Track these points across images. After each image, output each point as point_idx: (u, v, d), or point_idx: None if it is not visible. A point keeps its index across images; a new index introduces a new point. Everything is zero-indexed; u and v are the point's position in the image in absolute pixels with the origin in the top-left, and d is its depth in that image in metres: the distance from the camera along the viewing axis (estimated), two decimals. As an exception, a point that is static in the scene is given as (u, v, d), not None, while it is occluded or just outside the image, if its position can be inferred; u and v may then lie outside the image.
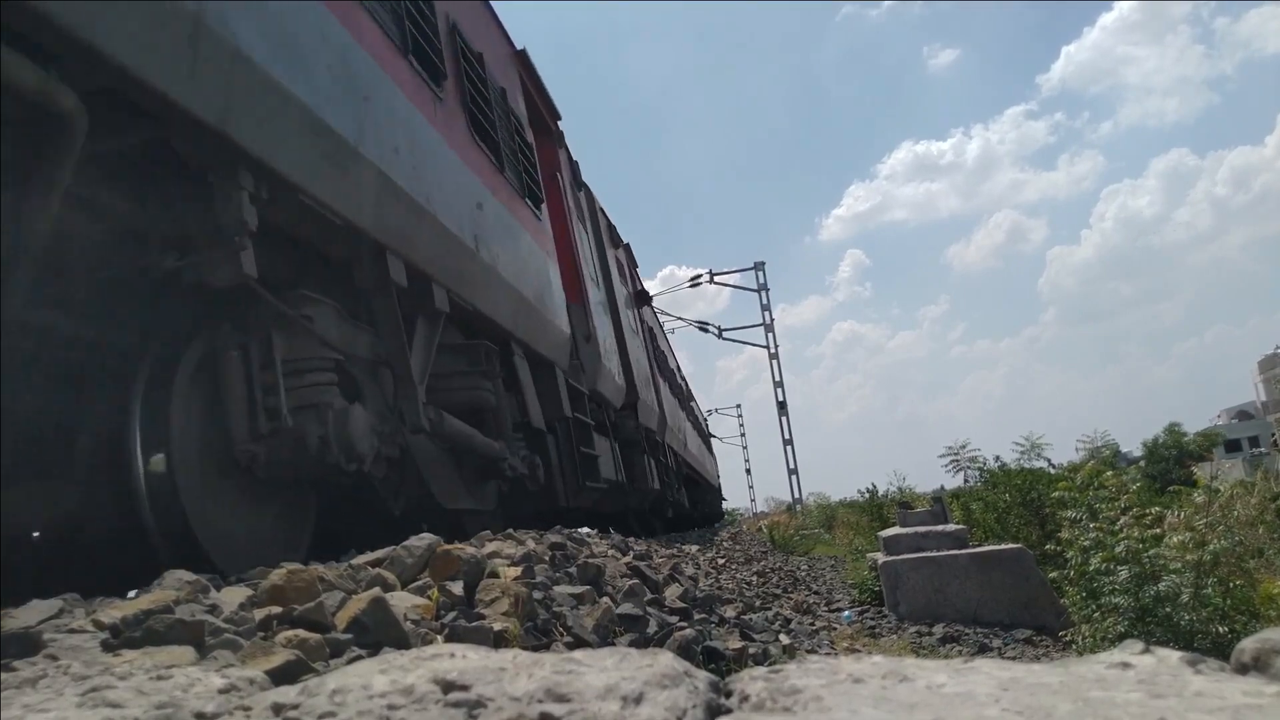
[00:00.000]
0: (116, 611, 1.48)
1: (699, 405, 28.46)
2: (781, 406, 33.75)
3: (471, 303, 4.75)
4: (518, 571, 2.53)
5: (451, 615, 1.99)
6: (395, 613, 1.78)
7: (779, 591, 7.94)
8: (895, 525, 9.35)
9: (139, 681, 1.08)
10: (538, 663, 0.97)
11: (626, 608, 2.78)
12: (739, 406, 71.10)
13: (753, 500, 60.86)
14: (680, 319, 39.08)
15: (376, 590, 1.87)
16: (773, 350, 33.88)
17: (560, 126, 8.71)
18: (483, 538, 3.31)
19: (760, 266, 34.08)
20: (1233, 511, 9.80)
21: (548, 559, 3.09)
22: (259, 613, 1.66)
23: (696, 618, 3.31)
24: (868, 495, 20.56)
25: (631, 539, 6.03)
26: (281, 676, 1.25)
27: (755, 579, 8.23)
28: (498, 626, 1.95)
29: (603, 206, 11.36)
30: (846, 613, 7.55)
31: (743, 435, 61.93)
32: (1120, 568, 5.84)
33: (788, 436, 33.75)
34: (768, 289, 33.88)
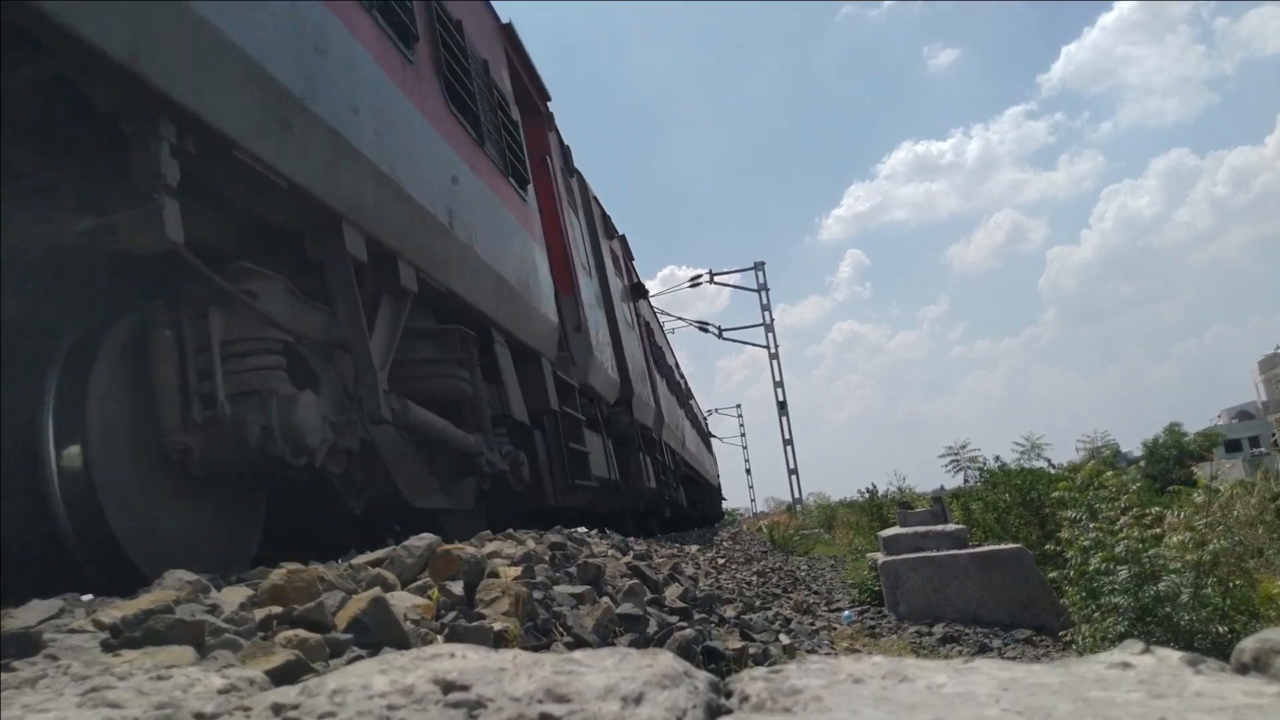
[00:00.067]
0: (116, 611, 1.48)
1: (698, 404, 28.32)
2: (781, 406, 33.79)
3: (444, 283, 4.39)
4: (518, 571, 2.53)
5: (451, 615, 1.99)
6: (395, 613, 1.78)
7: (779, 591, 7.95)
8: (895, 525, 9.36)
9: (139, 681, 1.08)
10: (538, 663, 0.97)
11: (626, 608, 2.78)
12: (739, 406, 71.16)
13: (753, 500, 60.94)
14: (680, 319, 39.14)
15: (377, 590, 1.87)
16: (773, 350, 33.92)
17: (550, 108, 8.36)
18: (483, 538, 3.31)
19: (760, 266, 34.12)
20: (1233, 511, 9.80)
21: (548, 559, 3.09)
22: (259, 613, 1.66)
23: (696, 618, 3.31)
24: (868, 495, 20.59)
25: (631, 539, 6.03)
26: (281, 676, 1.25)
27: (755, 579, 8.23)
28: (498, 626, 1.95)
29: (597, 195, 11.00)
30: (846, 613, 7.56)
31: (743, 435, 62.01)
32: (1120, 568, 5.84)
33: (788, 436, 33.80)
34: (768, 289, 33.95)
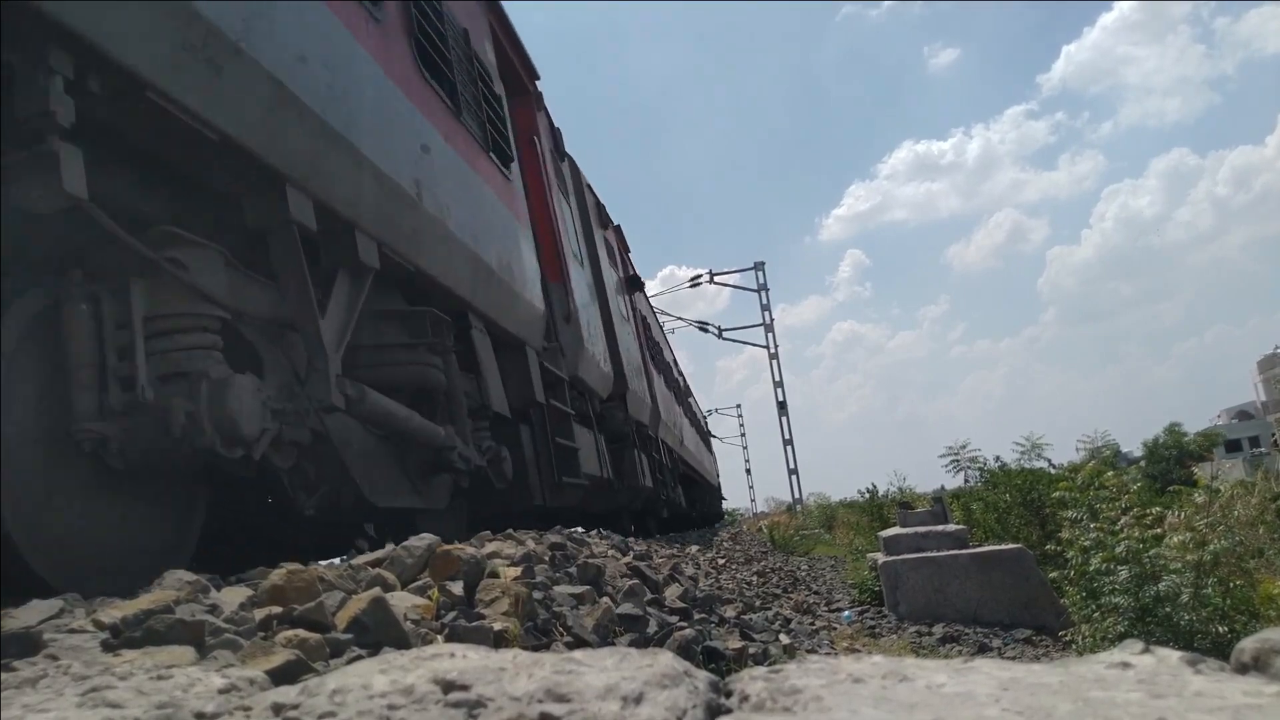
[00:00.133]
0: (117, 611, 1.48)
1: (698, 402, 28.19)
2: (781, 406, 33.80)
3: (412, 260, 4.04)
4: (518, 571, 2.53)
5: (451, 615, 1.99)
6: (395, 613, 1.78)
7: (779, 591, 7.95)
8: (895, 525, 9.36)
9: (139, 681, 1.08)
10: (538, 663, 0.97)
11: (626, 608, 2.78)
12: (739, 406, 71.18)
13: (753, 500, 60.96)
14: (680, 319, 39.14)
15: (377, 590, 1.87)
16: (773, 350, 33.94)
17: (539, 88, 8.00)
18: (483, 538, 3.31)
19: (760, 266, 34.14)
20: (1233, 511, 9.81)
21: (548, 559, 3.09)
22: (259, 612, 1.66)
23: (696, 618, 3.31)
24: (868, 495, 20.60)
25: (631, 539, 6.03)
26: (281, 676, 1.25)
27: (755, 579, 8.24)
28: (498, 626, 1.95)
29: (590, 183, 10.55)
30: (846, 613, 7.56)
31: (743, 435, 62.03)
32: (1120, 568, 5.85)
33: (788, 436, 33.82)
34: (768, 289, 33.97)
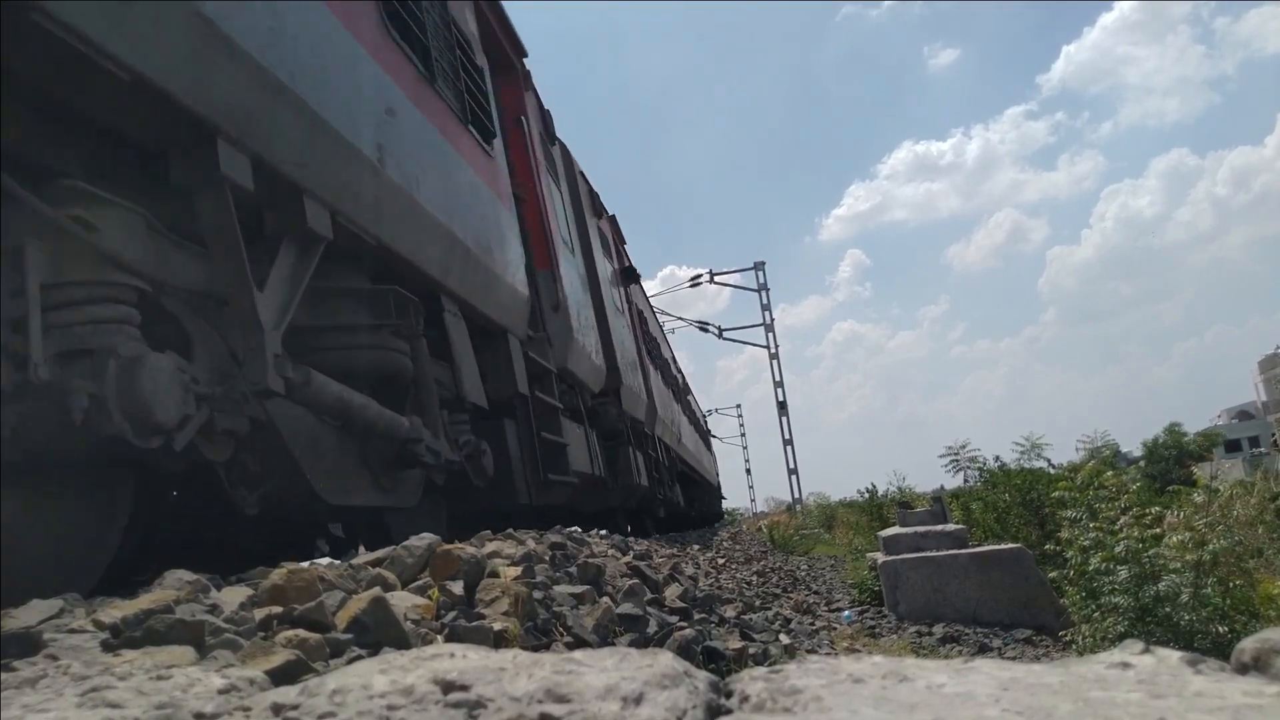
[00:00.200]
0: (116, 611, 1.48)
1: (697, 401, 28.06)
2: (781, 406, 33.81)
3: (372, 233, 3.68)
4: (518, 571, 2.53)
5: (451, 615, 1.99)
6: (395, 612, 1.78)
7: (779, 591, 7.95)
8: (895, 525, 9.36)
9: (139, 681, 1.08)
10: (538, 663, 0.97)
11: (626, 608, 2.79)
12: (739, 406, 71.12)
13: (753, 500, 60.97)
14: (680, 319, 39.15)
15: (377, 590, 1.87)
16: (773, 350, 33.94)
17: (528, 65, 7.67)
18: (483, 537, 3.31)
19: (760, 266, 34.15)
20: (1232, 511, 9.82)
21: (548, 559, 3.09)
22: (259, 612, 1.66)
23: (696, 618, 3.32)
24: (867, 495, 20.61)
25: (632, 539, 6.03)
26: (281, 676, 1.25)
27: (755, 579, 8.24)
28: (498, 626, 1.95)
29: (583, 171, 10.22)
30: (846, 613, 7.56)
31: (743, 435, 62.03)
32: (1120, 568, 5.85)
33: (788, 436, 33.82)
34: (768, 289, 33.97)
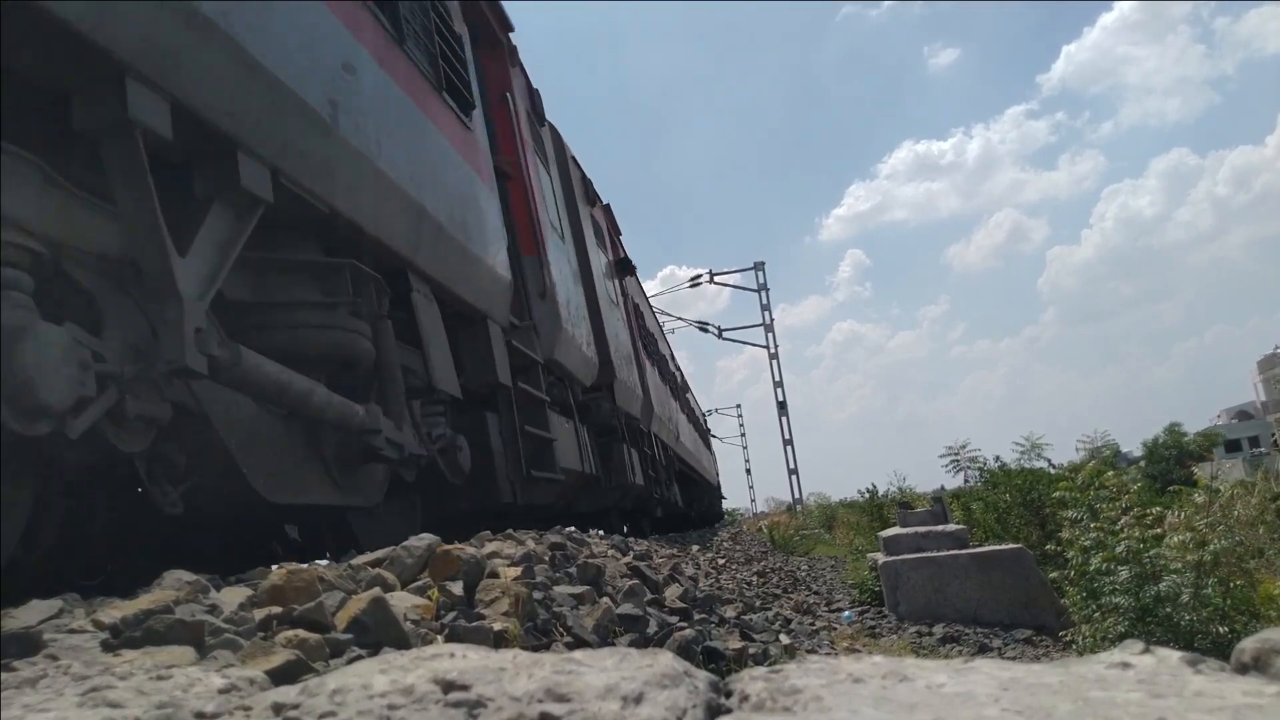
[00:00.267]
0: (116, 611, 1.48)
1: (696, 399, 27.89)
2: (781, 406, 33.82)
3: (325, 199, 3.29)
4: (518, 571, 2.53)
5: (451, 615, 1.99)
6: (395, 613, 1.78)
7: (779, 591, 7.95)
8: (895, 525, 9.36)
9: (139, 681, 1.08)
10: (538, 663, 0.97)
11: (626, 608, 2.79)
12: (739, 406, 71.21)
13: (753, 500, 61.02)
14: (680, 319, 39.16)
15: (376, 590, 1.87)
16: (773, 350, 33.96)
17: (514, 40, 7.31)
18: (482, 538, 3.31)
19: (760, 266, 34.17)
20: (1233, 511, 9.82)
21: (548, 559, 3.09)
22: (259, 613, 1.66)
23: (696, 618, 3.32)
24: (868, 495, 20.61)
25: (632, 539, 6.03)
26: (281, 676, 1.25)
27: (755, 579, 8.24)
28: (498, 626, 1.95)
29: (575, 156, 9.87)
30: (846, 613, 7.56)
31: (743, 435, 62.06)
32: (1121, 568, 5.85)
33: (788, 436, 33.84)
34: (768, 289, 34.00)
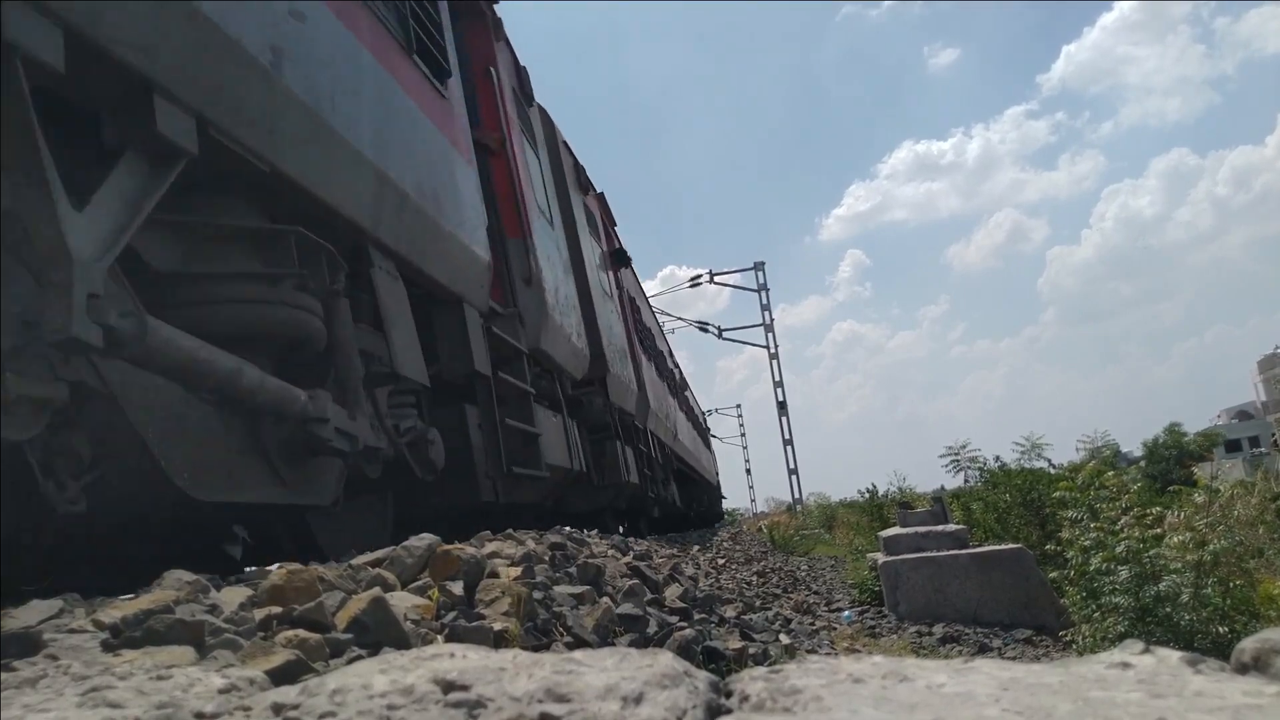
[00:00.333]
0: (116, 611, 1.48)
1: (696, 398, 27.60)
2: (781, 406, 33.81)
3: (266, 157, 2.93)
4: (518, 571, 2.53)
5: (451, 615, 1.99)
6: (395, 613, 1.78)
7: (779, 591, 7.95)
8: (895, 525, 9.36)
9: (139, 681, 1.08)
10: (538, 663, 0.97)
11: (626, 608, 2.79)
12: (739, 406, 71.22)
13: (753, 500, 61.06)
14: (680, 319, 39.16)
15: (376, 590, 1.87)
16: (773, 350, 33.96)
17: (499, 14, 7.00)
18: (482, 538, 3.31)
19: (760, 266, 34.18)
20: (1233, 511, 9.82)
21: (548, 559, 3.09)
22: (259, 613, 1.66)
23: (696, 618, 3.32)
24: (868, 495, 20.61)
25: (632, 539, 6.03)
26: (281, 676, 1.25)
27: (755, 579, 8.24)
28: (498, 626, 1.95)
29: (567, 140, 9.53)
30: (846, 613, 7.56)
31: (743, 435, 62.08)
32: (1121, 568, 5.85)
33: (788, 436, 33.83)
34: (768, 289, 34.00)
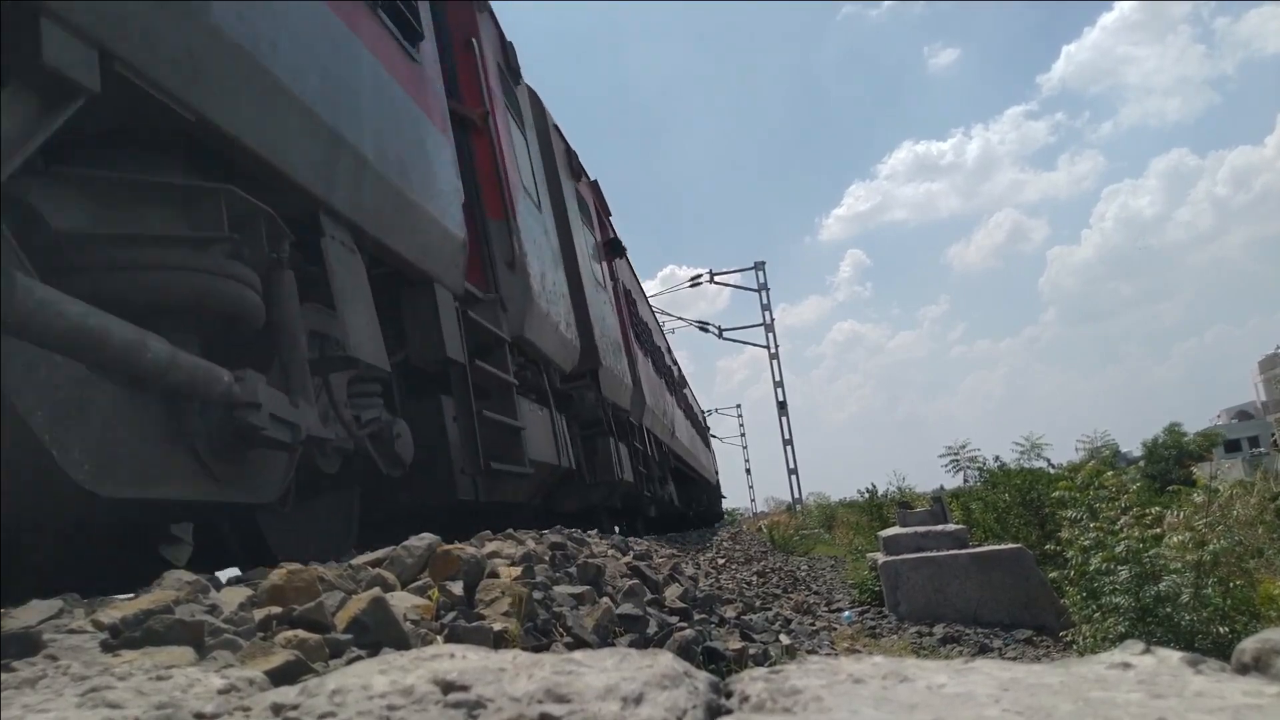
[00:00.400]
0: (116, 611, 1.48)
1: (695, 396, 27.26)
2: (781, 406, 33.80)
3: (191, 104, 2.45)
4: (518, 571, 2.53)
5: (451, 615, 1.99)
6: (395, 613, 1.78)
7: (779, 592, 7.95)
8: (895, 525, 9.36)
9: (138, 682, 1.08)
10: (538, 663, 0.96)
11: (626, 608, 2.79)
12: (739, 406, 71.19)
13: (753, 500, 61.07)
14: (680, 319, 39.15)
15: (376, 590, 1.87)
16: (773, 350, 33.94)
17: None
18: (482, 538, 3.31)
19: (760, 266, 34.16)
20: (1232, 511, 9.82)
21: (548, 559, 3.09)
22: (259, 613, 1.66)
23: (696, 618, 3.32)
24: (867, 495, 20.61)
25: (632, 539, 6.03)
26: (281, 677, 1.25)
27: (755, 579, 8.24)
28: (498, 627, 1.95)
29: (558, 124, 9.27)
30: (847, 613, 7.56)
31: (743, 435, 62.08)
32: (1120, 568, 5.85)
33: (788, 436, 33.82)
34: (768, 289, 33.98)
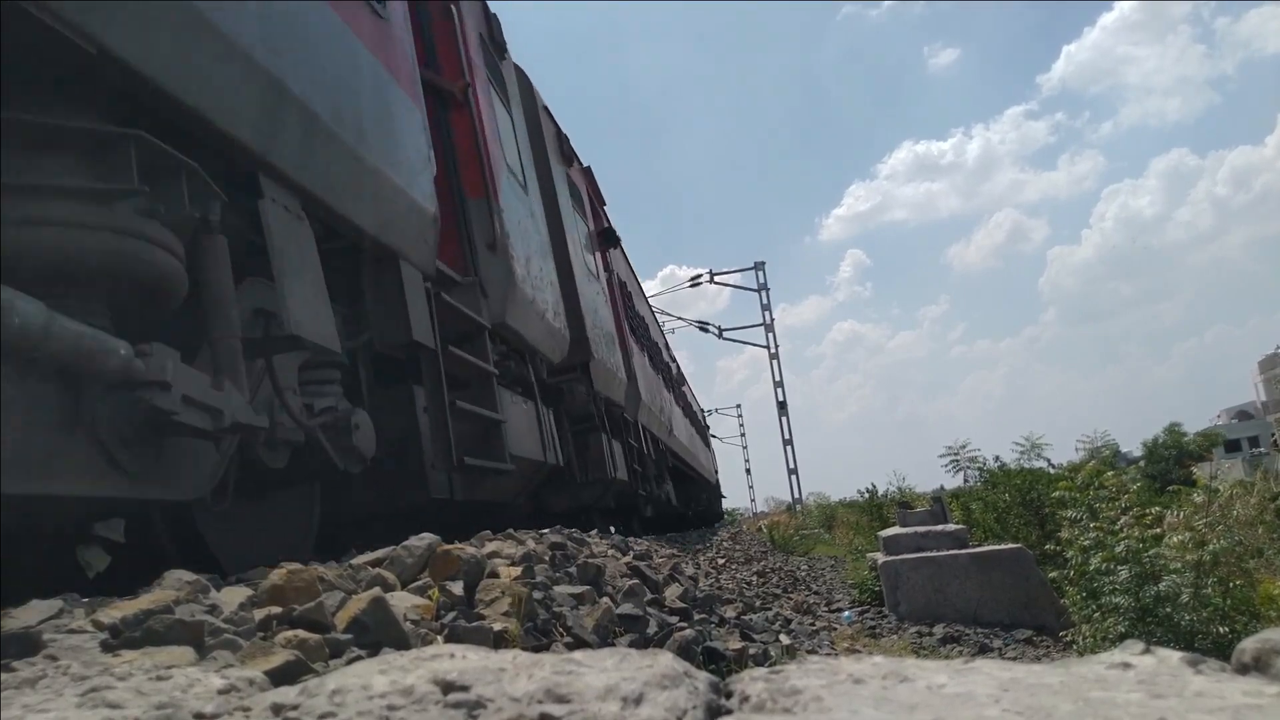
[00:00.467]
0: (116, 611, 1.48)
1: (694, 394, 27.03)
2: (781, 406, 33.81)
3: (90, 32, 2.08)
4: (518, 571, 2.53)
5: (451, 615, 1.99)
6: (395, 613, 1.78)
7: (779, 591, 7.95)
8: (895, 525, 9.36)
9: (138, 682, 1.08)
10: (538, 663, 0.96)
11: (626, 608, 2.79)
12: (739, 406, 71.15)
13: (752, 500, 61.07)
14: (680, 319, 39.14)
15: (376, 590, 1.87)
16: (773, 350, 33.95)
17: None
18: (483, 537, 3.31)
19: (760, 266, 34.17)
20: (1232, 511, 9.82)
21: (548, 559, 3.09)
22: (259, 613, 1.66)
23: (696, 618, 3.32)
24: (867, 495, 20.61)
25: (632, 539, 6.03)
26: (281, 677, 1.25)
27: (755, 579, 8.24)
28: (498, 627, 1.95)
29: (548, 105, 8.91)
30: (847, 613, 7.56)
31: (743, 435, 62.08)
32: (1120, 568, 5.85)
33: (788, 436, 33.82)
34: (768, 289, 33.98)
